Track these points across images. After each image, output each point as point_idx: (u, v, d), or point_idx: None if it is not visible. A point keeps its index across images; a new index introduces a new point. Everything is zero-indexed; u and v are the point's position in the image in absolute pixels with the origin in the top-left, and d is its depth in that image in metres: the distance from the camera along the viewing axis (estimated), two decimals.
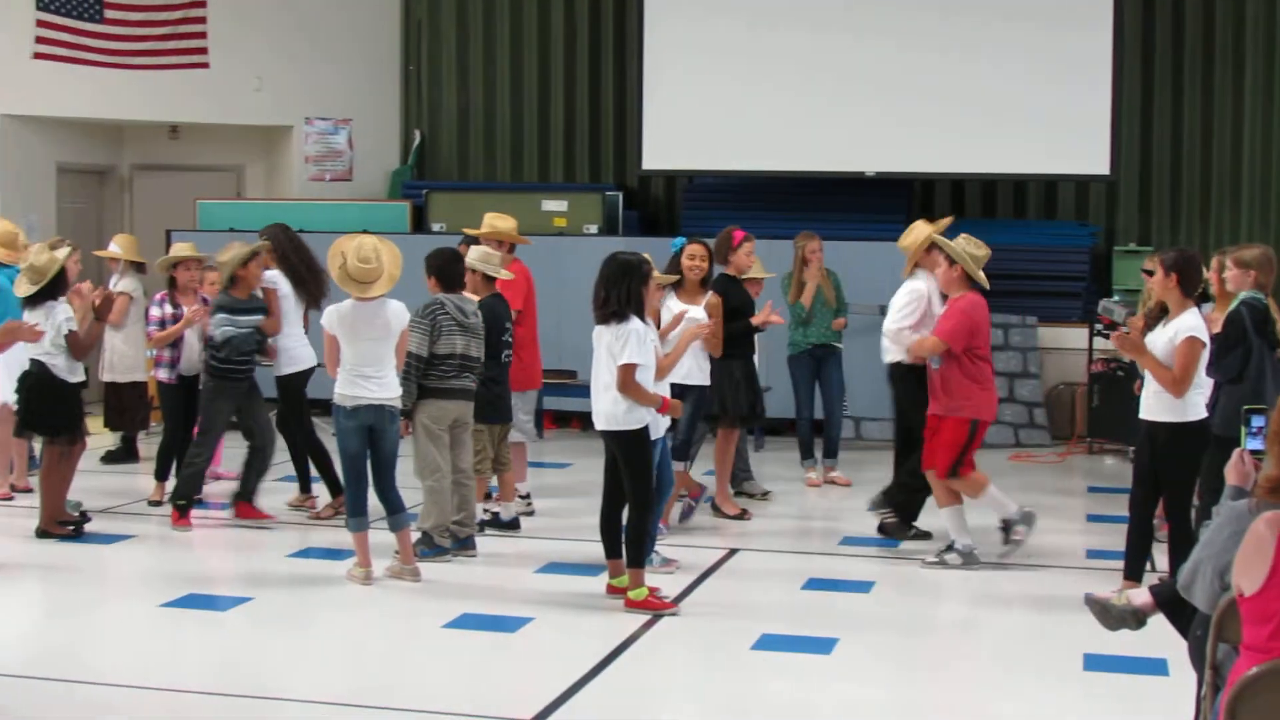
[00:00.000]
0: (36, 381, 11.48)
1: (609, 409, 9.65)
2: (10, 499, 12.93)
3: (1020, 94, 17.42)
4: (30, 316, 11.30)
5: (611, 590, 9.87)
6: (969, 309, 10.84)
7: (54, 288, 11.40)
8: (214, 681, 8.24)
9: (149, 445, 14.13)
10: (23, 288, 11.41)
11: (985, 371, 10.92)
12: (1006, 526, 11.12)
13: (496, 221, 12.23)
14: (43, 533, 11.62)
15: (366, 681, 8.39)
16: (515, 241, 12.30)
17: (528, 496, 12.45)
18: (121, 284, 13.77)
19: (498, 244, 11.97)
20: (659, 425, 10.03)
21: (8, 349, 10.79)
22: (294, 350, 12.40)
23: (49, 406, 11.50)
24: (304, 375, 12.50)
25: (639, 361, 9.50)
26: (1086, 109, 17.27)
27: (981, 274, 10.89)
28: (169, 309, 12.51)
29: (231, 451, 13.38)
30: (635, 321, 9.57)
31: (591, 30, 19.82)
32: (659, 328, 10.68)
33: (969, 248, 10.92)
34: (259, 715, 7.76)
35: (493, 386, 11.37)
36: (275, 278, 12.38)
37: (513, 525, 11.90)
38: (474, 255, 11.42)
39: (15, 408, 12.25)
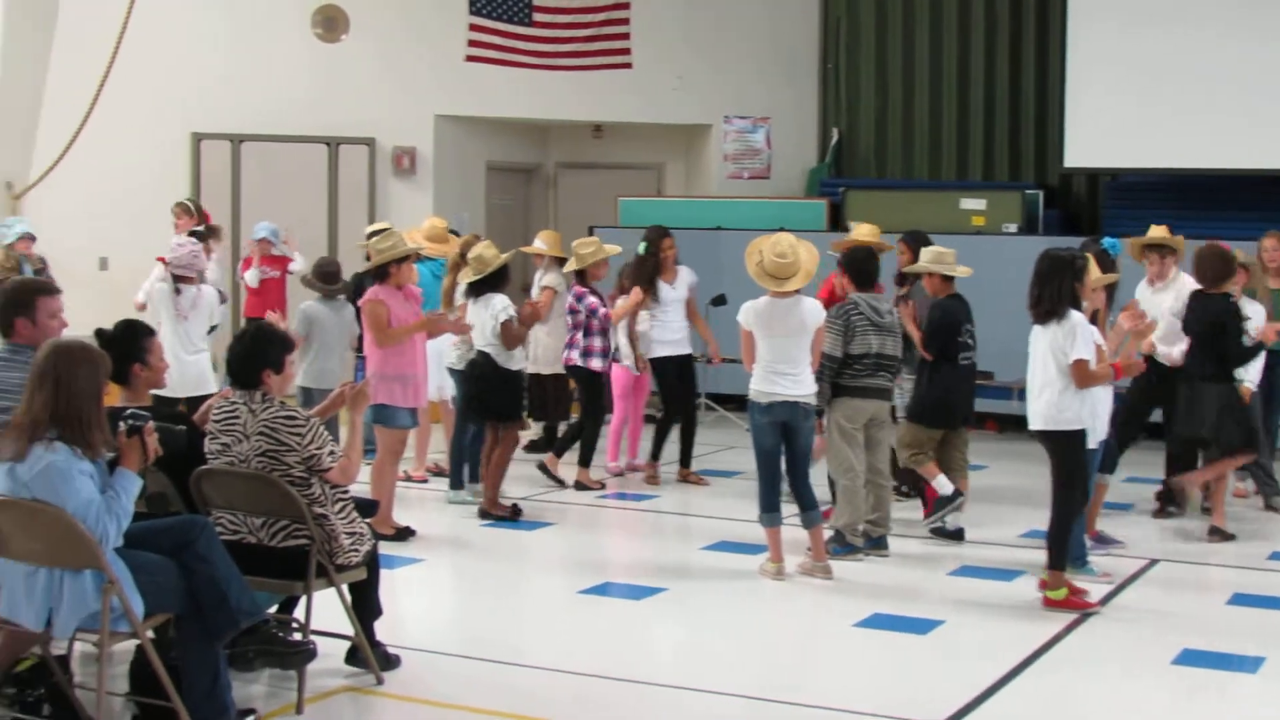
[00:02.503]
0: (480, 370, 12.01)
1: (1045, 410, 9.50)
2: (425, 481, 13.42)
3: None
4: (472, 307, 11.89)
5: (1049, 604, 9.65)
6: None
7: (495, 280, 11.89)
8: (625, 669, 8.38)
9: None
10: (468, 275, 11.98)
11: None
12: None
13: (857, 232, 12.36)
14: (483, 513, 12.08)
15: (775, 677, 8.45)
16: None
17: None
18: (546, 279, 14.10)
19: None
20: (1097, 431, 9.83)
21: (435, 337, 11.72)
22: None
23: (492, 393, 11.99)
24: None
25: (1088, 356, 9.34)
26: None
27: None
28: (592, 300, 12.99)
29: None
30: (1075, 315, 9.40)
31: (1012, 25, 19.49)
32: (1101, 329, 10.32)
33: None
34: (669, 704, 7.86)
35: (939, 389, 11.33)
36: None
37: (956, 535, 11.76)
38: (926, 256, 11.49)
39: (449, 399, 13.11)
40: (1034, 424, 9.64)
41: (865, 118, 20.28)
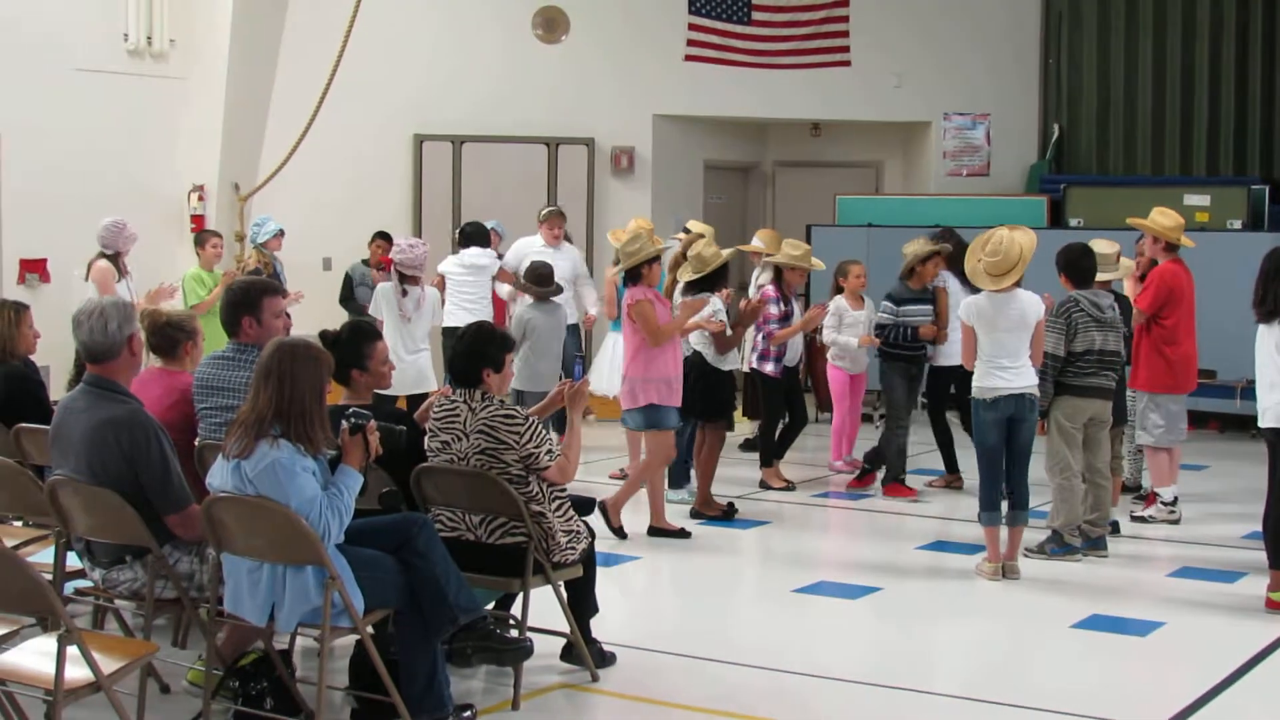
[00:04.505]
0: (692, 369, 12.02)
1: (1275, 407, 9.32)
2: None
3: None
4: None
5: (1272, 605, 9.48)
6: None
7: (711, 280, 11.87)
8: (839, 668, 8.38)
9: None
10: (686, 273, 11.99)
11: None
12: None
13: (1157, 216, 11.97)
14: (695, 512, 12.13)
15: (990, 678, 8.39)
16: (1166, 239, 11.92)
17: (1174, 502, 12.08)
18: (763, 277, 14.12)
19: (1152, 240, 11.81)
20: None
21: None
22: (950, 349, 12.80)
23: (698, 393, 11.99)
24: (950, 370, 12.91)
25: None
26: None
27: None
28: (781, 306, 12.89)
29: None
30: None
31: (1239, 17, 19.06)
32: None
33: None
34: (882, 704, 7.84)
35: None
36: (947, 277, 13.05)
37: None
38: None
39: None
40: (1264, 421, 9.45)
41: (1086, 113, 19.97)
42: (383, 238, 16.26)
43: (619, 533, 11.31)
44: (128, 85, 16.92)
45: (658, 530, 11.39)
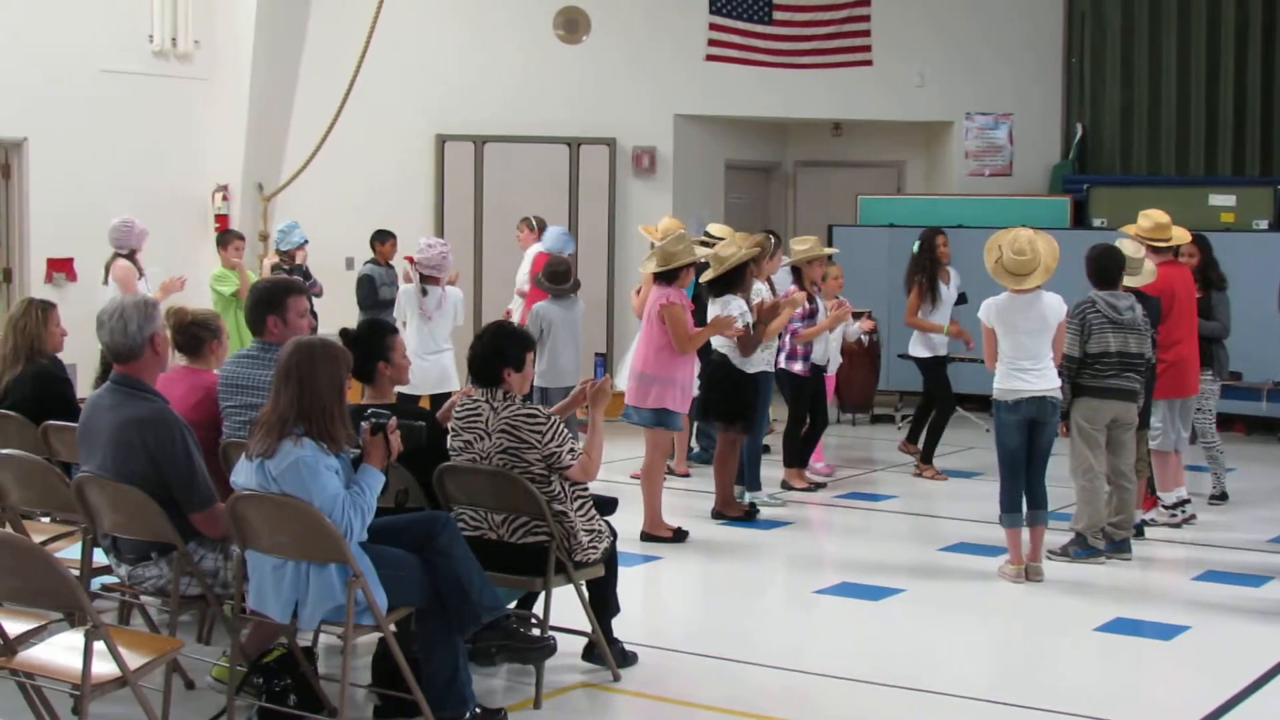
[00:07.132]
0: (716, 371, 11.97)
1: None
2: (688, 475, 13.51)
3: None
4: (711, 305, 11.85)
5: None
6: None
7: (732, 279, 11.79)
8: (860, 669, 8.36)
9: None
10: (707, 274, 11.94)
11: None
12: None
13: (1139, 219, 11.91)
14: (717, 514, 12.10)
15: (1012, 679, 8.38)
16: (1149, 242, 11.83)
17: (1175, 505, 12.04)
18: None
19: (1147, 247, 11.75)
20: None
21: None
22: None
23: (726, 395, 11.94)
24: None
25: None
26: None
27: None
28: (805, 304, 12.85)
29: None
30: None
31: (1265, 16, 18.99)
32: None
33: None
34: (902, 706, 7.82)
35: None
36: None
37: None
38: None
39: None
40: None
41: (1110, 113, 19.90)
42: (389, 235, 16.36)
43: (679, 535, 11.31)
44: (152, 86, 16.98)
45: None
